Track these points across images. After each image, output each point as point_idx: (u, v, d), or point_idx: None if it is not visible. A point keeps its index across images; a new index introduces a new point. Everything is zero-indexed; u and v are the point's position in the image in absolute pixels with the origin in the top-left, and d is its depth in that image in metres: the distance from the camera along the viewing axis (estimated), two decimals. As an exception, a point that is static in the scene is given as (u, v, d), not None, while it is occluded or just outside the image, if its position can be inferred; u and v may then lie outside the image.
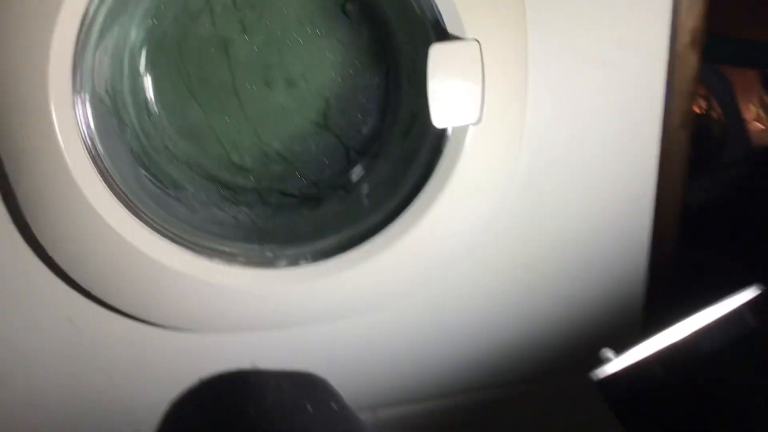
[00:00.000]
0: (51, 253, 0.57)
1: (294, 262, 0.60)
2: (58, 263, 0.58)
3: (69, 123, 0.52)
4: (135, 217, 0.56)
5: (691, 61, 0.65)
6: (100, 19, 0.52)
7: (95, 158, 0.54)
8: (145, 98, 0.63)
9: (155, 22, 0.61)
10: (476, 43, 0.56)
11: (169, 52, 0.62)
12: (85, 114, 0.54)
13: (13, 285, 0.60)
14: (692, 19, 0.63)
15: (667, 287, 0.70)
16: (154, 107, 0.64)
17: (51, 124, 0.52)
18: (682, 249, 0.70)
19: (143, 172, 0.62)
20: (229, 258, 0.60)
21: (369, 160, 0.68)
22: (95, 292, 0.59)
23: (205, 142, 0.66)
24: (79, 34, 0.51)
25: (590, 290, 0.69)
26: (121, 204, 0.56)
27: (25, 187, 0.55)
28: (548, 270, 0.67)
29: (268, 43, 0.64)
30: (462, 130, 0.58)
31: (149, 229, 0.57)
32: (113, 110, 0.59)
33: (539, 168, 0.64)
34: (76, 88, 0.52)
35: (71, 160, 0.53)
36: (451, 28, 0.56)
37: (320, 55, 0.66)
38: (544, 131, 0.62)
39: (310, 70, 0.66)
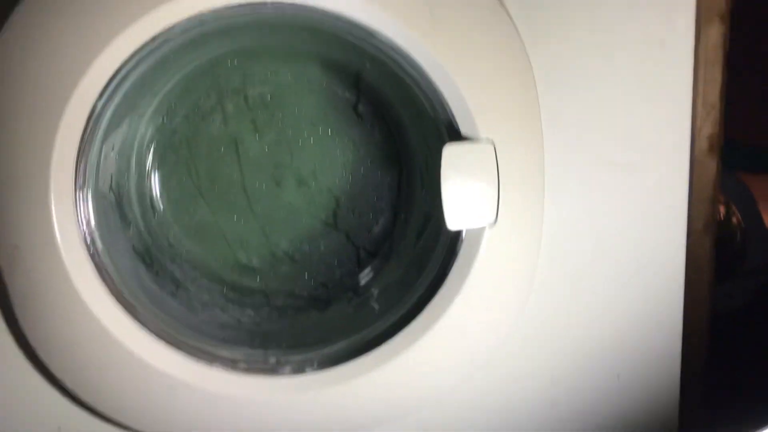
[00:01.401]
0: (41, 354, 0.54)
1: (299, 369, 0.56)
2: (48, 366, 0.54)
3: (68, 219, 0.51)
4: (132, 319, 0.53)
5: (709, 166, 0.64)
6: (107, 115, 0.52)
7: (94, 256, 0.52)
8: (151, 195, 0.62)
9: (166, 120, 0.60)
10: (490, 143, 0.55)
11: (178, 149, 0.62)
12: (86, 210, 0.52)
13: (1, 389, 0.56)
14: (709, 125, 0.63)
15: (702, 402, 0.65)
16: (160, 204, 0.63)
17: (50, 219, 0.50)
18: (714, 361, 0.65)
19: (144, 270, 0.59)
20: (230, 364, 0.56)
21: (380, 261, 0.66)
22: (87, 399, 0.55)
23: (212, 241, 0.64)
24: (85, 130, 0.50)
25: (620, 406, 0.64)
26: (118, 304, 0.53)
27: (18, 284, 0.52)
28: (572, 383, 0.63)
29: (279, 142, 0.64)
30: (477, 233, 0.56)
31: (146, 331, 0.54)
32: (116, 206, 0.58)
33: (559, 274, 0.61)
34: (79, 184, 0.51)
35: (68, 257, 0.51)
36: (464, 129, 0.56)
37: (331, 153, 0.65)
38: (563, 235, 0.60)
39: (320, 169, 0.65)
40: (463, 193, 0.55)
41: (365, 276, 0.65)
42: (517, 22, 0.55)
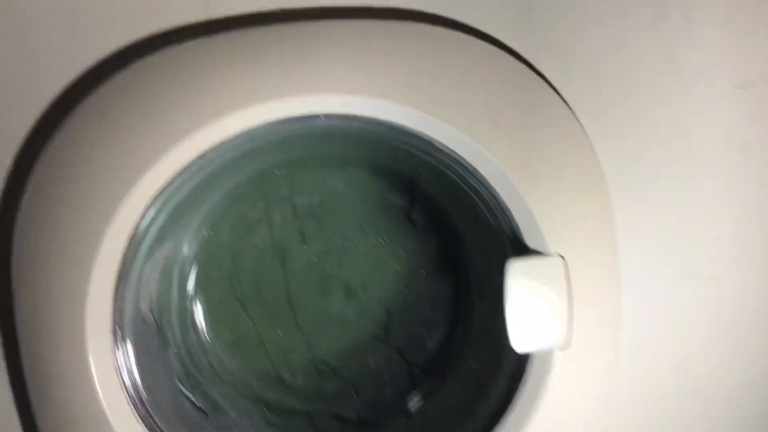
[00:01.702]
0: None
1: None
2: None
3: (104, 347, 0.47)
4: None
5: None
6: (151, 235, 0.49)
7: (129, 388, 0.48)
8: (193, 314, 0.58)
9: (210, 234, 0.57)
10: (560, 259, 0.51)
11: (221, 264, 0.58)
12: (124, 341, 0.48)
13: None
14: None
15: None
16: (202, 323, 0.59)
17: (84, 348, 0.46)
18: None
19: (183, 395, 0.55)
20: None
21: (435, 380, 0.60)
22: None
23: (254, 358, 0.59)
24: (126, 253, 0.47)
25: None
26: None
27: (49, 420, 0.48)
28: None
29: (328, 251, 0.60)
30: (547, 355, 0.51)
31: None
32: (156, 328, 0.54)
33: (637, 399, 0.55)
34: (118, 313, 0.47)
35: (104, 391, 0.47)
36: (531, 242, 0.51)
37: (382, 263, 0.61)
38: (642, 357, 0.54)
39: (370, 279, 0.61)
40: (531, 312, 0.50)
41: (420, 396, 0.60)
42: (588, 130, 0.52)
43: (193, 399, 0.55)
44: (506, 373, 0.53)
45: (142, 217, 0.47)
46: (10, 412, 0.50)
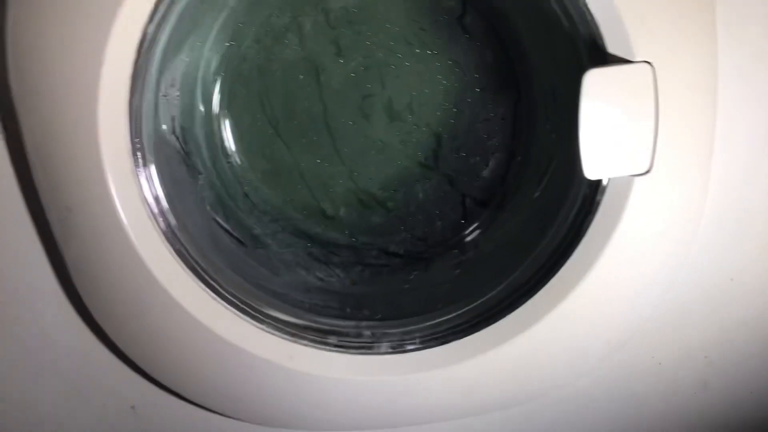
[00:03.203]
0: (107, 328, 0.47)
1: (398, 345, 0.48)
2: (116, 341, 0.48)
3: (124, 169, 0.42)
4: (206, 288, 0.45)
5: None
6: (162, 42, 0.41)
7: (158, 216, 0.44)
8: (221, 137, 0.52)
9: (233, 45, 0.50)
10: (649, 66, 0.42)
11: (249, 80, 0.51)
12: (146, 161, 0.43)
13: (71, 368, 0.51)
14: None
15: None
16: (232, 147, 0.53)
17: (102, 174, 0.41)
18: None
19: (218, 227, 0.51)
20: (319, 339, 0.48)
21: (491, 212, 0.55)
22: (161, 378, 0.49)
23: (292, 188, 0.54)
24: (136, 63, 0.40)
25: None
26: (189, 273, 0.45)
27: (74, 252, 0.45)
28: (730, 362, 0.51)
29: (368, 67, 0.52)
30: (624, 183, 0.44)
31: (223, 303, 0.46)
32: (182, 154, 0.49)
33: (727, 233, 0.48)
34: (135, 130, 0.42)
35: (128, 218, 0.43)
36: (613, 48, 0.42)
37: (431, 80, 0.53)
38: (734, 185, 0.47)
39: (417, 100, 0.54)
40: (609, 131, 0.43)
41: (473, 230, 0.55)
42: None
43: (229, 229, 0.52)
44: (573, 205, 0.47)
45: (150, 20, 0.40)
46: (34, 245, 0.47)
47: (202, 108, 0.51)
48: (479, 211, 0.55)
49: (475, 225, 0.55)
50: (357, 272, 0.54)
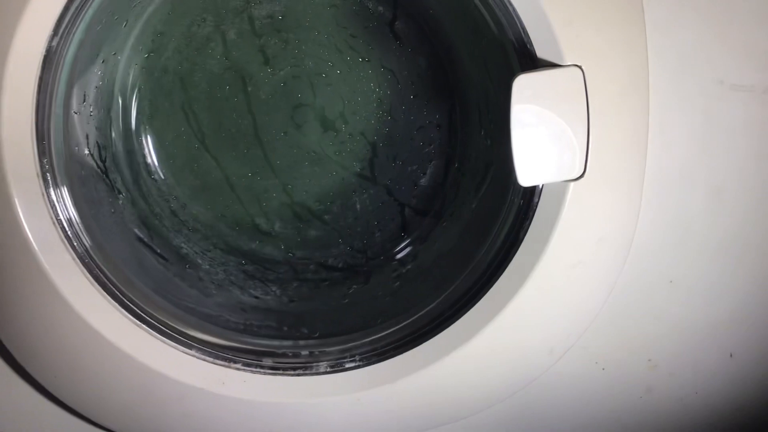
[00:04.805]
0: (30, 370, 0.44)
1: (337, 364, 0.46)
2: (40, 381, 0.45)
3: (35, 200, 0.39)
4: (128, 315, 0.42)
5: None
6: (69, 56, 0.39)
7: (73, 241, 0.41)
8: (143, 153, 0.50)
9: (151, 55, 0.47)
10: (578, 69, 0.41)
11: (171, 93, 0.49)
12: (56, 185, 0.40)
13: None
14: None
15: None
16: (155, 163, 0.51)
17: (11, 205, 0.38)
18: None
19: (143, 246, 0.48)
20: (253, 361, 0.46)
21: (430, 221, 0.53)
22: (86, 412, 0.46)
23: (223, 204, 0.52)
24: (41, 79, 0.38)
25: (732, 392, 0.52)
26: (107, 298, 0.42)
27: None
28: (673, 366, 0.51)
29: (297, 75, 0.51)
30: (559, 188, 0.43)
31: (147, 329, 0.43)
32: (100, 173, 0.46)
33: (664, 235, 0.48)
34: (43, 151, 0.39)
35: (41, 248, 0.40)
36: (542, 52, 0.42)
37: (364, 88, 0.52)
38: (670, 185, 0.47)
39: (351, 108, 0.52)
40: (541, 137, 0.42)
41: (414, 240, 0.53)
42: None
43: (156, 248, 0.49)
44: (510, 213, 0.46)
45: (54, 33, 0.38)
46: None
47: (120, 123, 0.48)
48: (418, 221, 0.54)
49: (414, 235, 0.54)
50: (294, 288, 0.52)
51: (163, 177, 0.51)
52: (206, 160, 0.51)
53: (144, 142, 0.50)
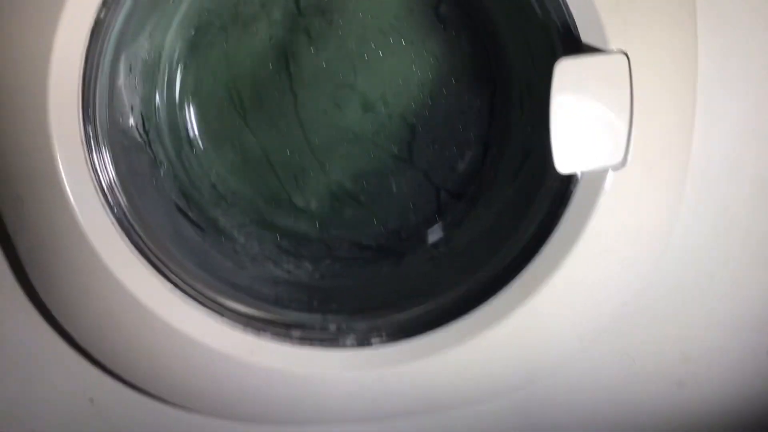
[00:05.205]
0: (64, 322, 0.46)
1: (364, 339, 0.46)
2: (73, 335, 0.46)
3: (77, 161, 0.41)
4: (164, 281, 0.44)
5: None
6: (116, 28, 0.40)
7: (114, 208, 0.42)
8: (186, 126, 0.51)
9: (197, 31, 0.48)
10: (623, 56, 0.41)
11: (215, 68, 0.50)
12: (101, 150, 0.42)
13: (27, 360, 0.49)
14: None
15: None
16: (198, 138, 0.52)
17: (54, 165, 0.40)
18: None
19: (183, 219, 0.50)
20: (283, 332, 0.46)
21: (465, 205, 0.53)
22: (119, 371, 0.47)
23: (261, 180, 0.53)
24: (89, 48, 0.39)
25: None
26: (145, 263, 0.43)
27: (26, 242, 0.44)
28: (708, 360, 0.50)
29: (340, 57, 0.51)
30: (598, 177, 0.42)
31: (181, 295, 0.44)
32: (143, 144, 0.48)
33: (706, 224, 0.47)
34: (88, 118, 0.40)
35: (82, 212, 0.41)
36: (587, 37, 0.41)
37: (405, 71, 0.52)
38: (714, 176, 0.45)
39: (392, 91, 0.53)
40: (582, 123, 0.41)
41: (448, 223, 0.53)
42: None
43: (195, 219, 0.50)
44: (546, 199, 0.46)
45: (102, 5, 0.39)
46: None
47: (164, 96, 0.49)
48: (454, 205, 0.54)
49: (448, 219, 0.54)
50: (327, 265, 0.53)
51: (203, 150, 0.52)
52: (247, 136, 0.52)
53: (187, 115, 0.51)
